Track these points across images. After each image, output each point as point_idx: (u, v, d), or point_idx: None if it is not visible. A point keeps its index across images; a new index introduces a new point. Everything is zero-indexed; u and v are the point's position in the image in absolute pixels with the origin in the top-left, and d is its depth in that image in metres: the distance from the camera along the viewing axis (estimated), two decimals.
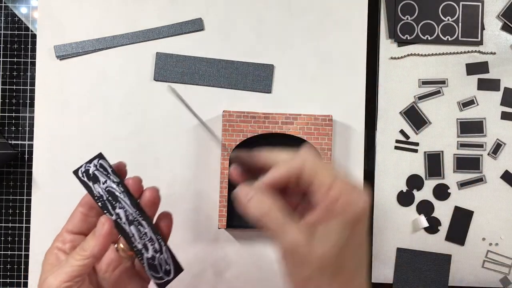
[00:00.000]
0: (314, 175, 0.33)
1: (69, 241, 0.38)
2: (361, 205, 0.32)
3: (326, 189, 0.32)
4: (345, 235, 0.31)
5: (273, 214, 0.32)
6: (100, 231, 0.36)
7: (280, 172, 0.34)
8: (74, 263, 0.35)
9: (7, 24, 0.61)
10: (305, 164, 0.33)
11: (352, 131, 0.62)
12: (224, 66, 0.61)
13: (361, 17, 0.62)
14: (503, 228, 0.62)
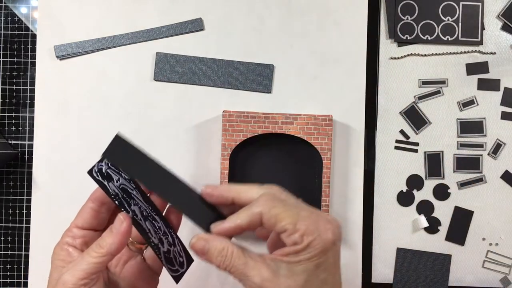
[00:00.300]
0: (274, 223, 0.34)
1: (80, 236, 0.38)
2: (325, 240, 0.33)
3: (287, 235, 0.33)
4: (309, 273, 0.33)
5: (234, 259, 0.34)
6: (119, 228, 0.35)
7: (238, 223, 0.35)
8: (90, 260, 0.35)
9: (7, 24, 0.61)
10: (263, 215, 0.34)
11: (352, 131, 0.62)
12: (224, 66, 0.61)
13: (361, 17, 0.62)
14: (503, 228, 0.62)
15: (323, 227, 0.33)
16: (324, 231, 0.33)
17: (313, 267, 0.33)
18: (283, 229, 0.33)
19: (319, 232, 0.33)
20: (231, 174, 0.59)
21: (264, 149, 0.60)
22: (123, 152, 0.35)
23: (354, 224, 0.61)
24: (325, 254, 0.33)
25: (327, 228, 0.34)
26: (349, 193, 0.61)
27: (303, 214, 0.34)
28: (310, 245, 0.33)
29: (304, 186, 0.60)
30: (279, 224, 0.33)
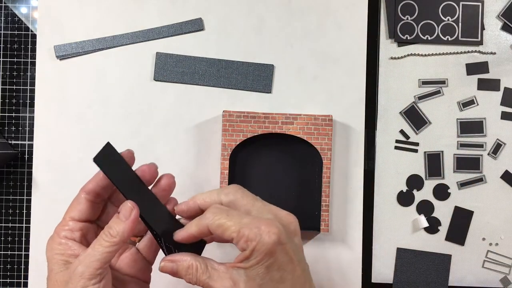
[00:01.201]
0: (221, 233, 0.36)
1: (78, 229, 0.38)
2: (268, 240, 0.35)
3: (236, 242, 0.36)
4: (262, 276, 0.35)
5: (199, 275, 0.37)
6: (128, 215, 0.37)
7: (190, 232, 0.38)
8: (104, 249, 0.36)
9: (7, 24, 0.61)
10: (209, 226, 0.37)
11: (352, 131, 0.62)
12: (224, 66, 0.61)
13: (361, 17, 0.62)
14: (503, 228, 0.62)
15: (264, 230, 0.35)
16: (265, 233, 0.35)
17: (264, 270, 0.35)
18: (230, 237, 0.36)
19: (260, 235, 0.35)
20: (231, 174, 0.59)
21: (264, 149, 0.60)
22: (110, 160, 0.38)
23: (354, 224, 0.61)
24: (272, 256, 0.35)
25: (268, 231, 0.35)
26: (349, 193, 0.61)
27: (245, 221, 0.36)
28: (255, 250, 0.35)
29: (304, 186, 0.60)
30: (225, 233, 0.36)
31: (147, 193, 0.39)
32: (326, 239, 0.61)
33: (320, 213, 0.58)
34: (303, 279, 0.38)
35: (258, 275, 0.35)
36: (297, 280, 0.37)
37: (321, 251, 0.61)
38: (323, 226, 0.58)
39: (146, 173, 0.40)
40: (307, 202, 0.60)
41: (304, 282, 0.38)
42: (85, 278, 0.35)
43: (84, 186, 0.39)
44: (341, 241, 0.61)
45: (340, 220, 0.61)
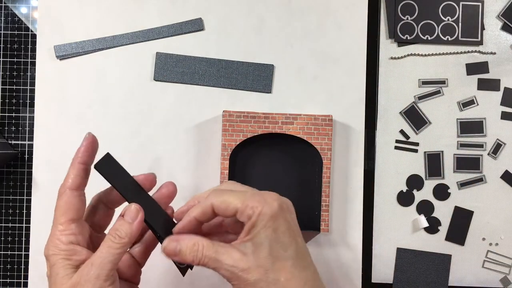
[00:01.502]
0: (225, 207, 0.37)
1: (79, 232, 0.39)
2: (272, 206, 0.37)
3: (240, 212, 0.37)
4: (270, 238, 0.36)
5: (206, 251, 0.37)
6: (135, 217, 0.38)
7: (193, 216, 0.39)
8: (115, 251, 0.37)
9: (7, 24, 0.61)
10: (213, 204, 0.38)
11: (352, 131, 0.62)
12: (224, 66, 0.61)
13: (361, 17, 0.62)
14: (503, 228, 0.62)
15: (268, 198, 0.37)
16: (270, 201, 0.37)
17: (271, 232, 0.36)
18: (235, 209, 0.37)
19: (265, 202, 0.37)
20: (231, 174, 0.59)
21: (264, 149, 0.60)
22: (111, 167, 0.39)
23: (354, 224, 0.61)
24: (277, 219, 0.37)
25: (273, 199, 0.37)
26: (349, 193, 0.61)
27: (249, 193, 0.38)
28: (261, 213, 0.36)
29: (304, 186, 0.60)
30: (230, 206, 0.37)
31: (147, 198, 0.41)
32: (326, 239, 0.61)
33: (320, 213, 0.58)
34: (306, 250, 0.39)
35: (266, 237, 0.36)
36: (300, 249, 0.38)
37: (321, 251, 0.61)
38: (323, 226, 0.58)
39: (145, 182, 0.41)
40: (307, 202, 0.60)
41: (307, 253, 0.39)
42: (101, 280, 0.36)
43: (67, 185, 0.39)
44: (341, 241, 0.61)
45: (340, 220, 0.61)
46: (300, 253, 0.38)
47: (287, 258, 0.37)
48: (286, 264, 0.37)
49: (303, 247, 0.38)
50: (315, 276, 0.38)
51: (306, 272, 0.38)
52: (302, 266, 0.38)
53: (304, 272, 0.37)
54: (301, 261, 0.38)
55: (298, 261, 0.37)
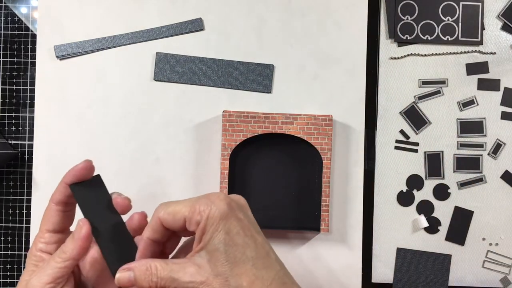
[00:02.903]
0: (173, 217, 0.35)
1: (54, 242, 0.39)
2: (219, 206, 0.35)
3: (189, 221, 0.35)
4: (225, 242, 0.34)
5: (159, 272, 0.35)
6: (79, 234, 0.37)
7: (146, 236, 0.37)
8: (55, 265, 0.36)
9: (7, 24, 0.61)
10: (160, 218, 0.36)
11: (352, 131, 0.62)
12: (224, 66, 0.61)
13: (361, 17, 0.62)
14: (503, 228, 0.62)
15: (213, 198, 0.35)
16: (217, 201, 0.35)
17: (224, 235, 0.34)
18: (182, 219, 0.35)
19: (212, 202, 0.35)
20: (231, 174, 0.59)
21: (264, 149, 0.60)
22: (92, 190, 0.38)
23: (354, 224, 0.61)
24: (227, 220, 0.34)
25: (219, 199, 0.35)
26: (349, 193, 0.61)
27: (195, 198, 0.36)
28: (209, 216, 0.34)
29: (304, 186, 0.60)
30: (176, 217, 0.35)
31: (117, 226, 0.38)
32: (326, 239, 0.61)
33: (320, 213, 0.58)
34: (267, 247, 0.36)
35: (220, 241, 0.34)
36: (260, 248, 0.35)
37: (321, 251, 0.61)
38: (323, 226, 0.58)
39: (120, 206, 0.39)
40: (307, 202, 0.60)
41: (269, 250, 0.36)
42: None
43: (52, 196, 0.39)
44: (341, 241, 0.61)
45: (340, 220, 0.61)
46: (260, 252, 0.35)
47: (246, 260, 0.34)
48: (246, 266, 0.34)
49: (263, 245, 0.36)
50: (281, 273, 0.36)
51: (270, 271, 0.35)
52: (264, 265, 0.35)
53: (267, 271, 0.35)
54: (263, 260, 0.35)
55: (259, 261, 0.35)
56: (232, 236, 0.34)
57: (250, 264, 0.34)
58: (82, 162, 0.38)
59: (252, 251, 0.35)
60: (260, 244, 0.36)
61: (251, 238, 0.35)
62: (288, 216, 0.60)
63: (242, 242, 0.35)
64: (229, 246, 0.34)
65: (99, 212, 0.38)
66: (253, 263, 0.35)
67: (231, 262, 0.34)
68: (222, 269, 0.34)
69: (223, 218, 0.34)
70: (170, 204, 0.36)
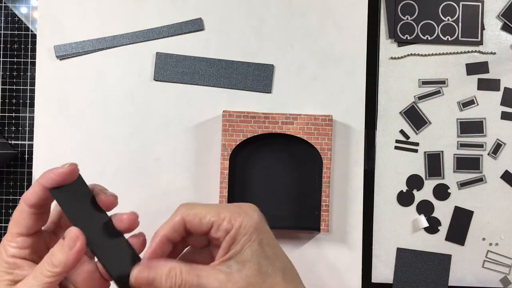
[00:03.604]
0: (198, 222, 0.34)
1: (27, 246, 0.35)
2: (253, 217, 0.34)
3: (216, 227, 0.33)
4: (257, 253, 0.33)
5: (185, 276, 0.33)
6: (72, 246, 0.33)
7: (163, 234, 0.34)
8: (44, 280, 0.33)
9: (7, 24, 0.61)
10: (185, 219, 0.34)
11: (352, 131, 0.62)
12: (224, 66, 0.61)
13: (361, 17, 0.62)
14: (503, 228, 0.62)
15: (247, 209, 0.34)
16: (250, 212, 0.34)
17: (257, 246, 0.33)
18: (210, 223, 0.33)
19: (245, 213, 0.34)
20: (231, 174, 0.59)
21: (264, 149, 0.60)
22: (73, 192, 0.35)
23: (354, 224, 0.61)
24: (260, 231, 0.33)
25: (252, 210, 0.34)
26: (349, 193, 0.61)
27: (223, 206, 0.34)
28: (242, 225, 0.33)
29: (304, 186, 0.60)
30: (203, 220, 0.33)
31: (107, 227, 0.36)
32: (326, 239, 0.61)
33: (320, 213, 0.58)
34: (290, 260, 0.36)
35: (253, 252, 0.33)
36: (287, 261, 0.35)
37: (321, 251, 0.61)
38: (323, 226, 0.58)
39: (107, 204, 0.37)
40: (307, 202, 0.60)
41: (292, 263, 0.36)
42: None
43: (25, 198, 0.35)
44: (341, 241, 0.61)
45: (340, 220, 0.61)
46: (287, 265, 0.35)
47: (278, 272, 0.34)
48: (277, 279, 0.34)
49: (287, 258, 0.36)
50: (302, 286, 0.36)
51: (297, 284, 0.35)
52: (291, 278, 0.35)
53: (294, 284, 0.35)
54: (290, 273, 0.35)
55: (287, 274, 0.35)
56: (264, 247, 0.34)
57: (280, 277, 0.34)
58: (67, 166, 0.35)
59: (281, 263, 0.34)
60: (286, 257, 0.36)
61: (279, 251, 0.35)
62: (288, 216, 0.60)
63: (272, 254, 0.34)
64: (262, 258, 0.33)
65: (86, 215, 0.35)
66: (283, 276, 0.34)
67: (264, 274, 0.33)
68: (255, 280, 0.33)
69: (257, 229, 0.33)
70: (195, 206, 0.35)
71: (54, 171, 0.34)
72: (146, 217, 0.60)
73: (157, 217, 0.60)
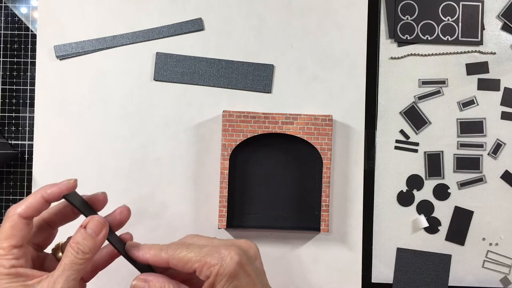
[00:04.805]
0: (182, 266, 0.37)
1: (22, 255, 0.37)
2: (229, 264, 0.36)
3: (199, 271, 0.37)
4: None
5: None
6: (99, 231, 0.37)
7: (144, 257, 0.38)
8: (78, 267, 0.36)
9: (7, 24, 0.61)
10: (169, 261, 0.37)
11: (352, 131, 0.62)
12: (224, 66, 0.61)
13: (361, 17, 0.62)
14: (503, 228, 0.62)
15: (225, 253, 0.37)
16: (227, 256, 0.37)
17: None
18: (193, 269, 0.37)
19: (222, 259, 0.36)
20: (231, 174, 0.59)
21: (264, 149, 0.60)
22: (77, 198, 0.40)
23: (354, 224, 0.61)
24: (235, 277, 0.36)
25: (229, 253, 0.37)
26: (349, 193, 0.61)
27: (205, 250, 0.37)
28: (219, 273, 0.36)
29: (304, 186, 0.60)
30: (187, 266, 0.37)
31: None
32: (326, 239, 0.61)
33: (320, 213, 0.58)
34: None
35: None
36: None
37: (321, 251, 0.61)
38: (323, 226, 0.58)
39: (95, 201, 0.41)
40: (307, 202, 0.60)
41: None
42: None
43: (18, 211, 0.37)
44: (341, 241, 0.61)
45: (340, 220, 0.61)
46: None
47: None
48: None
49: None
50: None
51: None
52: None
53: None
54: None
55: None
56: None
57: None
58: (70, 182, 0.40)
59: None
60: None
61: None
62: (288, 216, 0.60)
63: None
64: None
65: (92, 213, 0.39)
66: None
67: None
68: None
69: (231, 276, 0.36)
70: (182, 247, 0.38)
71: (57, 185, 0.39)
72: (146, 217, 0.61)
73: (157, 217, 0.60)
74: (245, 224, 0.59)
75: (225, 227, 0.57)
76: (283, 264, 0.61)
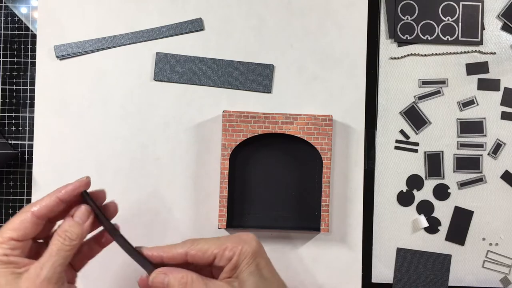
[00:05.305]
0: (202, 254, 0.39)
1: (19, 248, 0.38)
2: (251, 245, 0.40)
3: (219, 257, 0.39)
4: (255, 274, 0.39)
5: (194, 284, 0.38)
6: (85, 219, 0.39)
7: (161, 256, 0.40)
8: (64, 253, 0.37)
9: (7, 24, 0.61)
10: (188, 253, 0.39)
11: (352, 131, 0.62)
12: (224, 66, 0.61)
13: (361, 17, 0.62)
14: (503, 228, 0.62)
15: (246, 238, 0.40)
16: (248, 240, 0.40)
17: (255, 269, 0.39)
18: (213, 255, 0.39)
19: (243, 241, 0.40)
20: (231, 174, 0.59)
21: (264, 149, 0.60)
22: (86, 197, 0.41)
23: (354, 224, 0.61)
24: (258, 257, 0.39)
25: (250, 238, 0.40)
26: (349, 193, 0.61)
27: (223, 238, 0.40)
28: (242, 252, 0.39)
29: (304, 186, 0.60)
30: (207, 254, 0.39)
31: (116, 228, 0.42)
32: (326, 239, 0.61)
33: (320, 213, 0.58)
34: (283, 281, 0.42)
35: (251, 273, 0.38)
36: (281, 280, 0.41)
37: (321, 251, 0.61)
38: (323, 226, 0.58)
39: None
40: (307, 202, 0.60)
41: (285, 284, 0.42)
42: (53, 283, 0.36)
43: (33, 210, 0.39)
44: (341, 241, 0.61)
45: (340, 220, 0.61)
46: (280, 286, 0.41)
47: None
48: None
49: (281, 279, 0.42)
50: None
51: None
52: None
53: None
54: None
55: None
56: (260, 270, 0.39)
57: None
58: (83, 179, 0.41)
59: (275, 284, 0.40)
60: (280, 279, 0.41)
61: (275, 273, 0.41)
62: (288, 216, 0.60)
63: (268, 276, 0.40)
64: (259, 278, 0.39)
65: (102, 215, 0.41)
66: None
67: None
68: None
69: (254, 254, 0.39)
70: (199, 241, 0.40)
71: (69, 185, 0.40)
72: (146, 217, 0.61)
73: (157, 217, 0.60)
74: (245, 224, 0.59)
75: (225, 227, 0.57)
76: (283, 264, 0.61)
